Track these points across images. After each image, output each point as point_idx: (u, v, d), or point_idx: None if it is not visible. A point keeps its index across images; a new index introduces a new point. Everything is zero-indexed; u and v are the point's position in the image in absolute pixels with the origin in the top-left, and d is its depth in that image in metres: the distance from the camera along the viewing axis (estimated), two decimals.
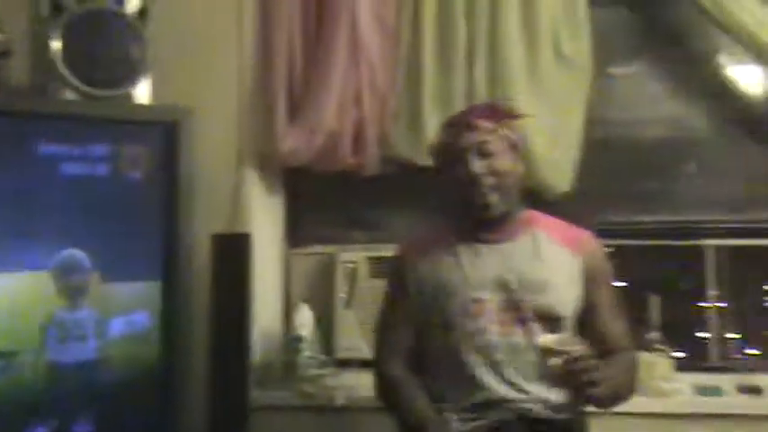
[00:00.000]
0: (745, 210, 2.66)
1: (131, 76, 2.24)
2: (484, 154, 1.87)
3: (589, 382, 1.66)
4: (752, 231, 2.62)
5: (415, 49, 2.55)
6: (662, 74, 2.71)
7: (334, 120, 2.51)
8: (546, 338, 1.73)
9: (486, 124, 1.89)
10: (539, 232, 1.93)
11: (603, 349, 1.87)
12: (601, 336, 1.92)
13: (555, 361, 1.66)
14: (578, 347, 1.69)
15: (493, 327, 1.84)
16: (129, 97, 2.25)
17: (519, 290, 1.85)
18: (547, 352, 1.68)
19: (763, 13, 2.35)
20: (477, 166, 1.86)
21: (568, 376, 1.67)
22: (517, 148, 1.94)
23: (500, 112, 1.96)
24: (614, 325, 1.95)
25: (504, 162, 1.88)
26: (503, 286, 1.85)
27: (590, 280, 1.92)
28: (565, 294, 1.88)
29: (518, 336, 1.84)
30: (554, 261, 1.89)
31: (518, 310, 1.85)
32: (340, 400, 2.46)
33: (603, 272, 1.97)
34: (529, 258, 1.89)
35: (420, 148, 2.49)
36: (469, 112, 1.99)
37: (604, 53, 2.63)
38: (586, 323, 1.92)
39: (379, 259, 2.58)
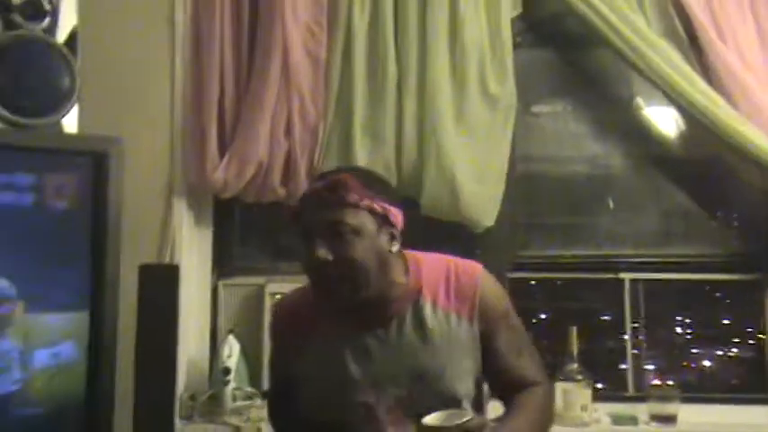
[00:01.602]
0: (661, 245, 2.76)
1: (60, 106, 2.21)
2: (334, 235, 1.58)
3: None
4: (666, 265, 2.72)
5: (346, 82, 2.59)
6: (583, 114, 2.81)
7: (265, 151, 2.54)
8: (430, 418, 1.51)
9: (339, 198, 1.59)
10: (423, 303, 1.69)
11: (514, 388, 1.73)
12: (508, 378, 1.74)
13: None
14: (465, 420, 1.48)
15: (390, 429, 1.67)
16: (57, 126, 2.23)
17: (411, 385, 1.66)
18: (435, 431, 1.49)
19: (678, 59, 2.47)
20: (322, 252, 1.57)
21: None
22: (382, 222, 1.63)
23: (360, 181, 1.63)
24: (518, 363, 1.74)
25: (359, 247, 1.59)
26: (393, 385, 1.66)
27: (485, 330, 1.71)
28: (462, 372, 1.69)
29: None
30: (445, 336, 1.68)
31: (413, 404, 1.64)
32: None
33: (498, 314, 1.73)
34: (417, 344, 1.67)
35: None
36: (324, 183, 1.63)
37: (529, 93, 2.74)
38: (491, 368, 1.74)
39: None
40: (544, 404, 1.76)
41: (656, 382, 2.68)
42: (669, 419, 2.49)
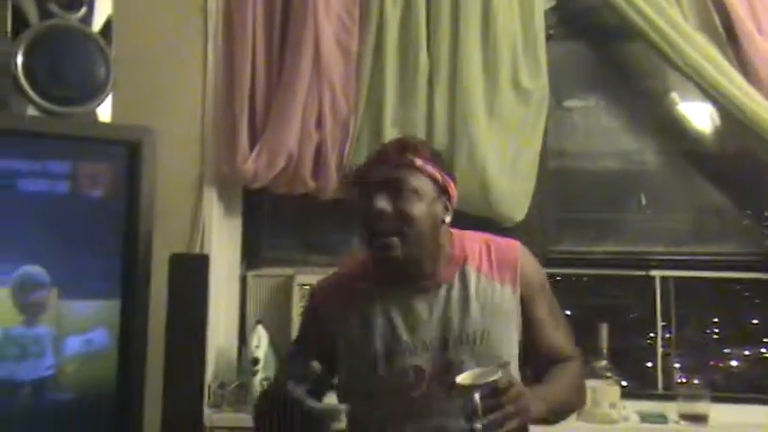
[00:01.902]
0: (692, 242, 2.73)
1: (94, 95, 2.22)
2: (395, 192, 1.66)
3: (516, 412, 1.50)
4: (698, 263, 2.69)
5: (377, 75, 2.59)
6: (616, 108, 2.79)
7: (296, 143, 2.54)
8: (464, 376, 1.54)
9: (407, 160, 1.69)
10: (468, 269, 1.76)
11: (549, 361, 1.78)
12: (545, 349, 1.79)
13: (474, 400, 1.47)
14: (494, 378, 1.50)
15: (435, 391, 1.70)
16: (91, 115, 2.24)
17: (459, 348, 1.70)
18: (466, 389, 1.50)
19: (715, 53, 2.44)
20: (383, 203, 1.65)
21: (492, 409, 1.48)
22: (441, 191, 1.72)
23: (426, 150, 1.74)
24: (555, 336, 1.80)
25: (417, 206, 1.67)
26: (442, 347, 1.70)
27: (525, 299, 1.77)
28: (506, 337, 1.74)
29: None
30: (490, 303, 1.74)
31: (462, 368, 1.65)
32: None
33: (537, 285, 1.80)
34: (463, 308, 1.73)
35: None
36: (394, 143, 1.77)
37: (561, 87, 2.72)
38: (528, 338, 1.78)
39: None
40: (577, 378, 1.82)
41: (683, 380, 2.66)
42: (700, 419, 2.46)
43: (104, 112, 2.30)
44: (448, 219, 1.74)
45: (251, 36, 2.59)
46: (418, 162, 1.69)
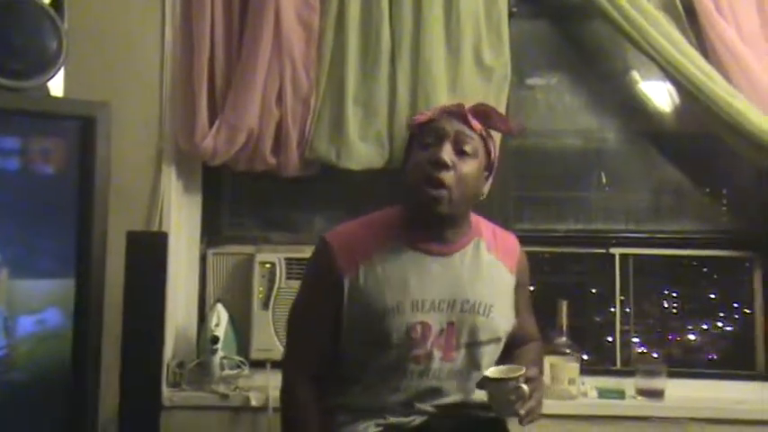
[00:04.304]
0: (652, 220, 2.76)
1: (46, 68, 2.14)
2: (459, 148, 1.77)
3: (538, 403, 1.73)
4: (657, 241, 2.72)
5: (339, 51, 2.56)
6: (577, 87, 2.79)
7: (256, 119, 2.51)
8: (493, 370, 1.73)
9: (476, 123, 1.80)
10: (481, 243, 1.88)
11: (520, 340, 2.00)
12: (519, 333, 1.98)
13: (522, 387, 1.67)
14: (525, 371, 1.71)
15: (435, 351, 1.79)
16: (43, 89, 2.17)
17: (464, 314, 1.80)
18: (498, 382, 1.70)
19: (675, 32, 2.45)
20: (449, 154, 1.74)
21: (524, 400, 1.68)
22: (489, 162, 1.87)
23: (496, 119, 1.86)
24: (529, 322, 2.06)
25: (472, 167, 1.78)
26: (448, 309, 1.80)
27: (517, 289, 1.95)
28: (505, 316, 1.88)
29: (459, 360, 1.82)
30: (495, 280, 1.87)
31: (462, 334, 1.80)
32: (254, 400, 2.46)
33: (526, 277, 2.02)
34: (473, 277, 1.83)
35: (340, 150, 2.51)
36: (476, 106, 1.86)
37: (523, 65, 2.72)
38: None
39: (297, 260, 2.57)
40: (542, 358, 2.16)
41: (643, 350, 2.71)
42: (656, 394, 2.50)
43: (57, 86, 2.25)
44: (484, 191, 1.93)
45: (210, 9, 2.53)
46: (485, 133, 1.83)
